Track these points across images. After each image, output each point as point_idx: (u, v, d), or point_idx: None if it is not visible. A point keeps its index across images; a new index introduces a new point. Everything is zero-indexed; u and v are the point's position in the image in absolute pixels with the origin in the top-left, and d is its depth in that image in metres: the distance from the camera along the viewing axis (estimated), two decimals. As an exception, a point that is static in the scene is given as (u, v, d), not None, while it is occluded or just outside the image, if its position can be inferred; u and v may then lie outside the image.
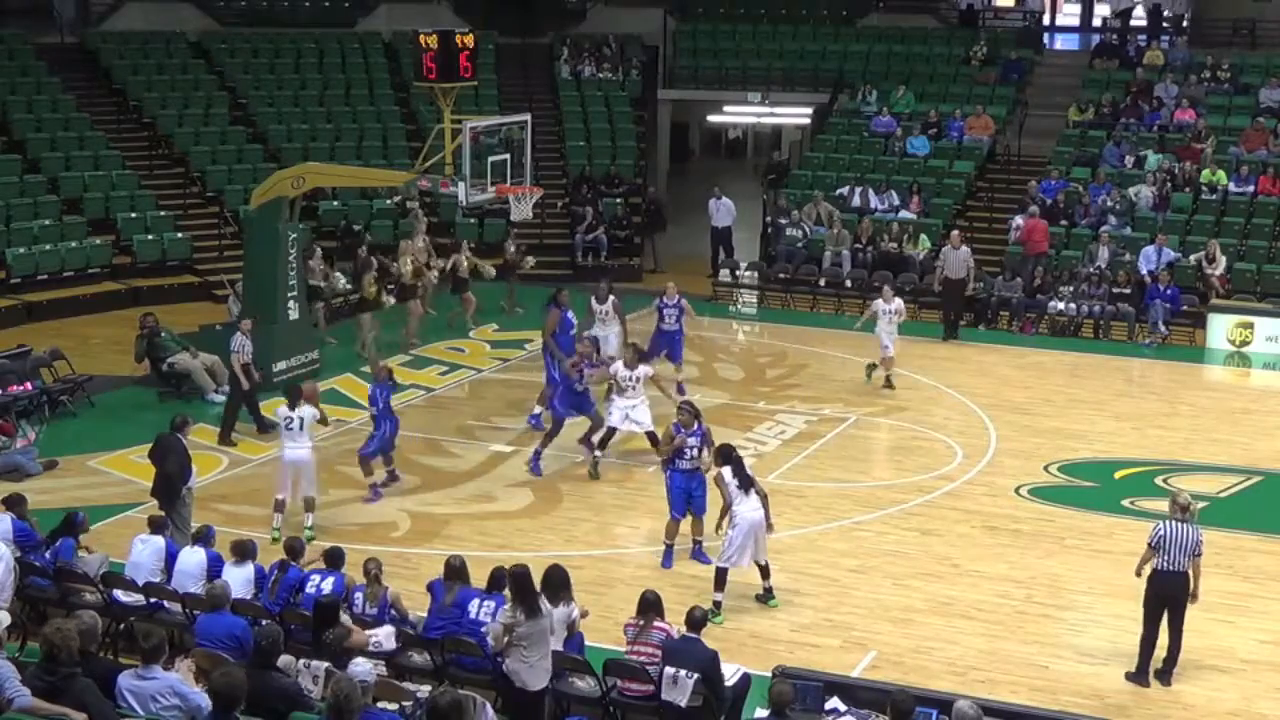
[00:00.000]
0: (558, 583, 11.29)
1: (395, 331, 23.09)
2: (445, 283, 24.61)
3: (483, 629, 11.03)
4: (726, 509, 13.54)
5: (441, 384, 21.36)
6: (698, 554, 14.61)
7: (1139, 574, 12.41)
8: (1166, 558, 12.15)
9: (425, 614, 11.72)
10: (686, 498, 14.49)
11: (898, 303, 21.08)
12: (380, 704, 9.70)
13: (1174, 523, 12.19)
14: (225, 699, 8.38)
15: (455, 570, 11.74)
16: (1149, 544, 12.24)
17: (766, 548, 13.69)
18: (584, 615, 11.59)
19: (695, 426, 14.47)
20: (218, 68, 31.91)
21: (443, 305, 24.65)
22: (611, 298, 20.32)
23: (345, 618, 11.13)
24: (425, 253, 24.49)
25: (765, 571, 13.76)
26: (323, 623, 10.72)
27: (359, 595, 11.77)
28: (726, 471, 13.51)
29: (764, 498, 13.60)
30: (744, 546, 13.43)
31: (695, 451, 14.35)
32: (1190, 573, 12.19)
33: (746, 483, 13.53)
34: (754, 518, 13.44)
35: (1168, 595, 12.29)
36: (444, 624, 11.39)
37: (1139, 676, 12.39)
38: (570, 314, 19.22)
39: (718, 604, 13.43)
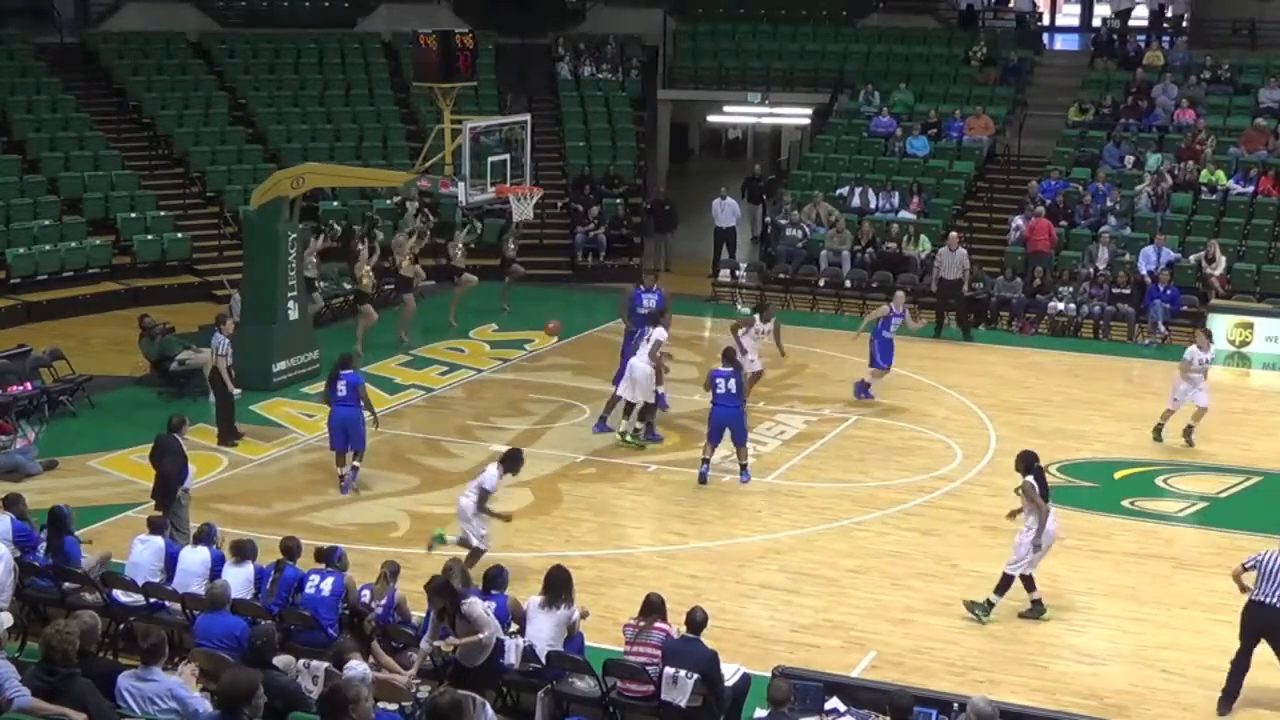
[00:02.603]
0: (560, 584, 11.31)
1: (388, 333, 23.14)
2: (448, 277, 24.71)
3: (483, 635, 11.01)
4: (1043, 517, 13.31)
5: (441, 384, 21.36)
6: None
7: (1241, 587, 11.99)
8: (1267, 588, 11.65)
9: (424, 615, 11.72)
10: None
11: (1213, 352, 19.05)
12: (380, 704, 9.70)
13: (1274, 554, 11.72)
14: (233, 698, 8.36)
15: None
16: (1245, 565, 11.87)
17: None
18: (584, 616, 11.60)
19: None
20: (218, 68, 31.91)
21: (437, 304, 24.64)
22: (774, 320, 19.74)
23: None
24: (418, 245, 24.55)
25: (1031, 583, 13.60)
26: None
27: (366, 591, 11.77)
28: (1032, 480, 13.42)
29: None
30: (1038, 559, 13.46)
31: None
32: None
33: (1046, 492, 13.47)
34: (1054, 529, 13.50)
35: (1264, 627, 11.76)
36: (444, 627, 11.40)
37: (1223, 705, 11.92)
38: (644, 294, 19.85)
39: (991, 604, 13.48)
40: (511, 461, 14.09)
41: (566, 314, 24.45)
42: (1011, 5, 37.13)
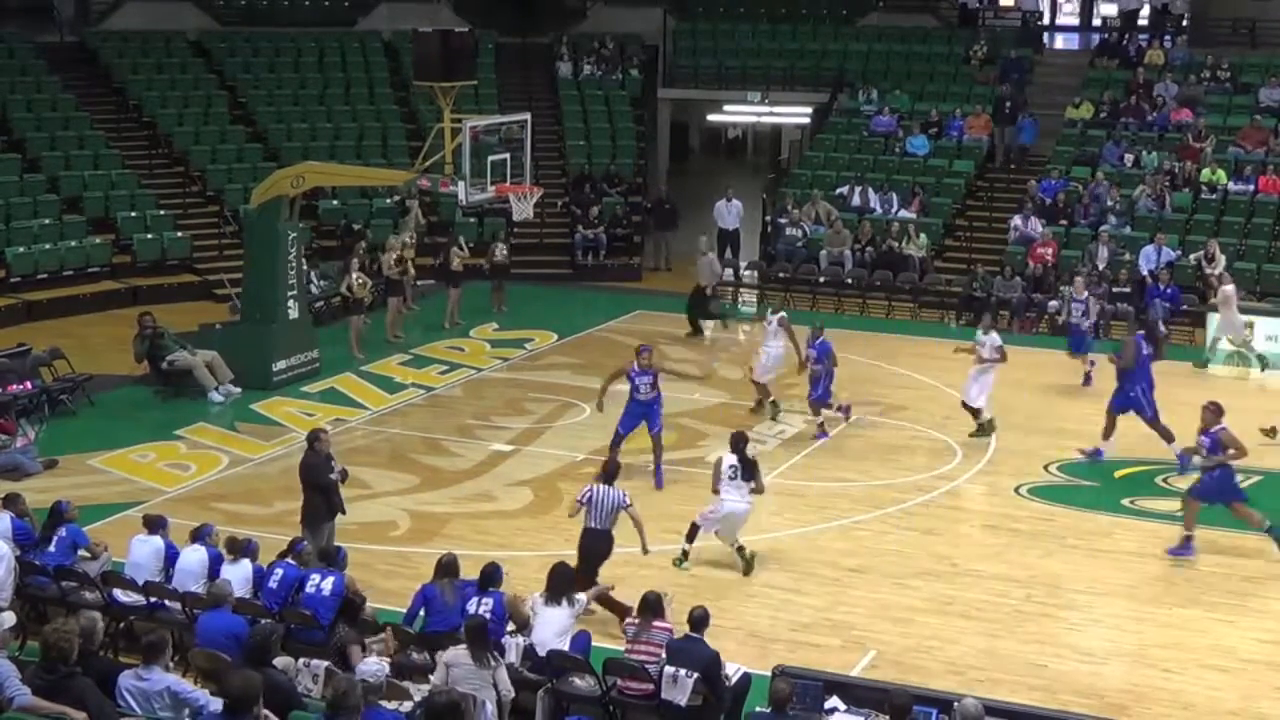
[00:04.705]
0: (563, 580, 11.35)
1: (384, 331, 23.20)
2: (440, 281, 24.74)
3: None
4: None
5: (441, 383, 21.36)
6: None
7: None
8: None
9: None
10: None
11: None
12: (380, 703, 9.69)
13: (600, 486, 13.25)
14: (239, 700, 8.36)
15: (445, 568, 11.82)
16: (579, 501, 13.35)
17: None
18: (597, 595, 11.68)
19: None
20: (218, 67, 31.91)
21: (434, 305, 24.64)
22: (782, 313, 19.82)
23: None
24: (411, 248, 24.58)
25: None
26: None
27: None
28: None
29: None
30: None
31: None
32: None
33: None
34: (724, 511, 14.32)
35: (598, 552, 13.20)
36: (444, 620, 11.42)
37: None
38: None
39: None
40: None
41: (566, 313, 24.48)
42: (1016, 4, 37.09)
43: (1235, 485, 15.21)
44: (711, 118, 38.97)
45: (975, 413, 18.75)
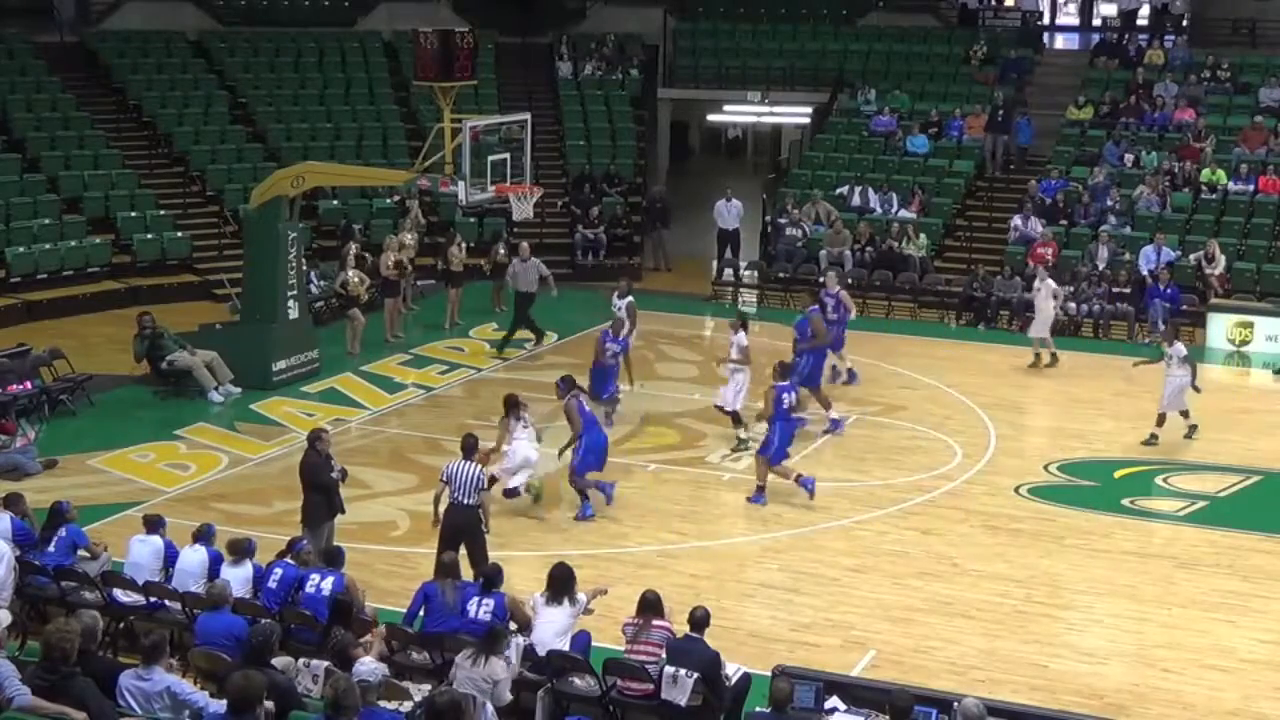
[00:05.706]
0: (564, 580, 11.36)
1: (381, 331, 23.23)
2: (439, 281, 24.77)
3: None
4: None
5: (441, 383, 21.36)
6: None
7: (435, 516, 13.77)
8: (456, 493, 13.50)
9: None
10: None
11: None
12: (380, 703, 9.69)
13: (460, 462, 13.61)
14: (241, 701, 8.36)
15: (446, 568, 11.80)
16: (442, 479, 13.68)
17: None
18: (594, 596, 11.73)
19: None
20: (218, 67, 31.89)
21: (434, 305, 24.64)
22: (630, 298, 20.29)
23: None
24: (413, 249, 24.56)
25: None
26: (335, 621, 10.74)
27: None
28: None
29: None
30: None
31: None
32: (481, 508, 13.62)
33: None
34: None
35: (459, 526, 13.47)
36: (443, 621, 11.41)
37: None
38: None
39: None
40: None
41: (566, 313, 24.47)
42: (1016, 4, 37.10)
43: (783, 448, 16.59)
44: (711, 118, 38.97)
45: (734, 417, 18.40)
